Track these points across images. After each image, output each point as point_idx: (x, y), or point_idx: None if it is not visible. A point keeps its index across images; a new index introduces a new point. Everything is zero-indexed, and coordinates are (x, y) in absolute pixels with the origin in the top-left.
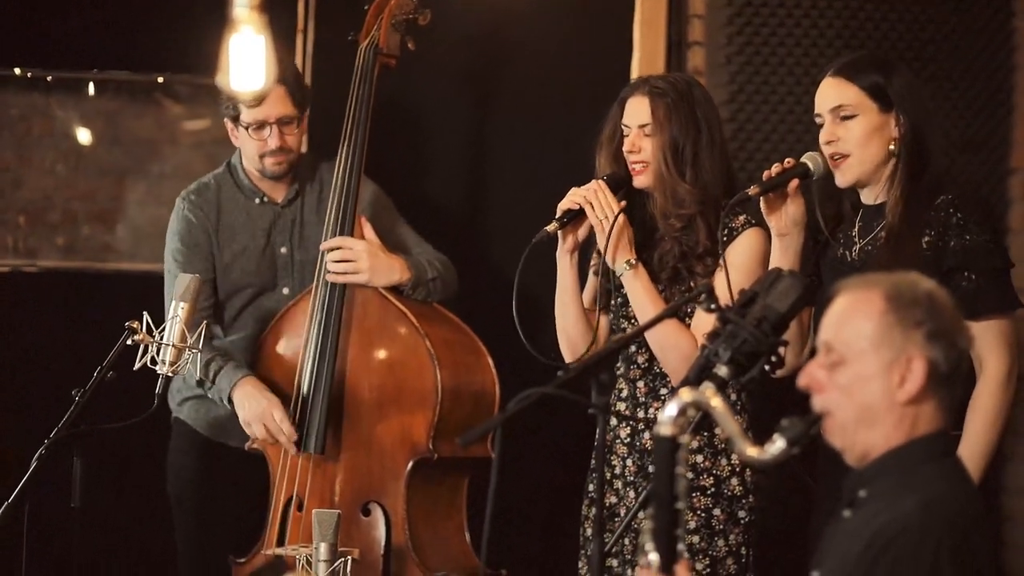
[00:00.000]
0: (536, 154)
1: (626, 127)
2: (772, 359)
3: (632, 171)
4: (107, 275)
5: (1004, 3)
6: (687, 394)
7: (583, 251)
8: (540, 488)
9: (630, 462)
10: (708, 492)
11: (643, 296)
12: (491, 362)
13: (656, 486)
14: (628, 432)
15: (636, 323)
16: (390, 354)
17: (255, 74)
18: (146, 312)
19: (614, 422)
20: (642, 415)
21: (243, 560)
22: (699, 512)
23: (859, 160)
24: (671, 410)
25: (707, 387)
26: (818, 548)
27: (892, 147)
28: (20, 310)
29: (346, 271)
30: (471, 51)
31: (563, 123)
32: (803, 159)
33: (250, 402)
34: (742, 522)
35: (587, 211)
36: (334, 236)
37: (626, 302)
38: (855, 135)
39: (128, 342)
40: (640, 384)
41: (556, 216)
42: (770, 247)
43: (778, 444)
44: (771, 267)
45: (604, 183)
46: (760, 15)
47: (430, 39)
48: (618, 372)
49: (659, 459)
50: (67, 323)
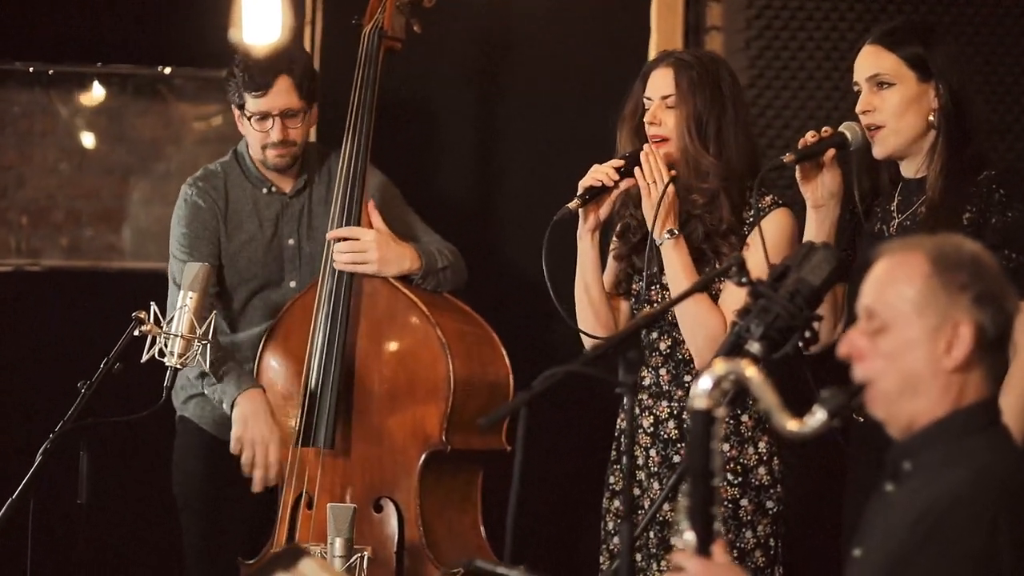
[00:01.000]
0: (548, 140)
1: (648, 100)
2: (806, 334)
3: (654, 145)
4: (112, 274)
5: None
6: (721, 365)
7: (603, 232)
8: (558, 481)
9: (653, 452)
10: (735, 483)
11: (680, 268)
12: (504, 353)
13: (691, 461)
14: (651, 421)
15: (659, 304)
16: (400, 345)
17: (270, 26)
18: (154, 303)
19: (636, 411)
20: (666, 404)
21: (252, 562)
22: (726, 503)
23: (895, 131)
24: (705, 382)
25: (742, 359)
26: (858, 525)
27: (931, 118)
28: (23, 310)
29: (354, 261)
30: (480, 34)
31: (577, 108)
32: (841, 128)
33: (253, 423)
34: (770, 512)
35: (636, 174)
36: (340, 225)
37: (648, 285)
38: (891, 105)
39: (135, 333)
40: (663, 372)
41: (578, 193)
42: (797, 227)
43: (818, 416)
44: (805, 240)
45: (655, 148)
46: (780, 18)
47: (437, 21)
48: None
49: (694, 433)
50: (71, 323)
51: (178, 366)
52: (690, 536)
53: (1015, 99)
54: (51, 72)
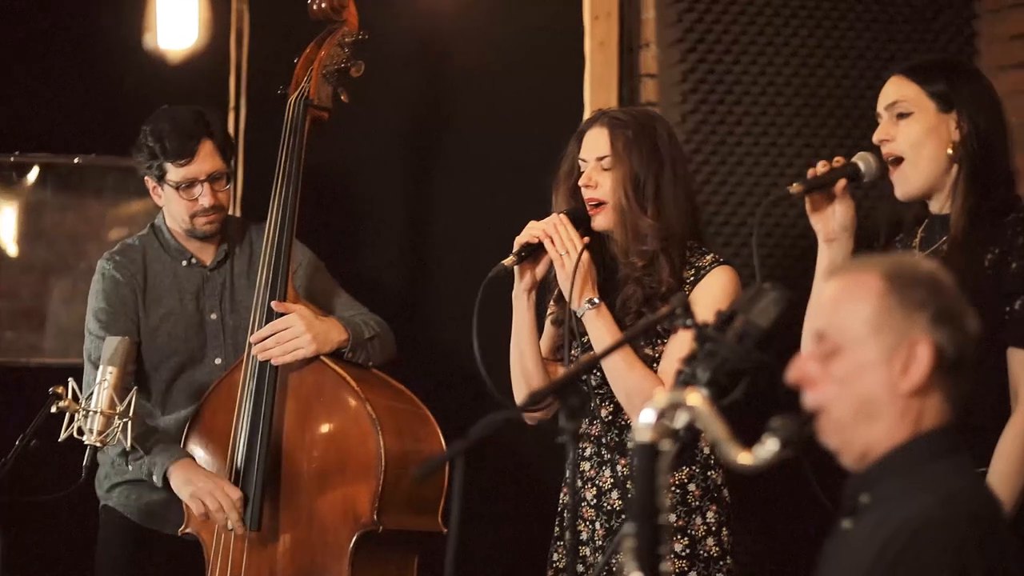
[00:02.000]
0: (481, 208)
1: (583, 161)
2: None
3: (589, 209)
4: (33, 370)
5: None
6: (664, 395)
7: (540, 294)
8: (499, 557)
9: (598, 525)
10: (683, 554)
11: (607, 336)
12: (438, 429)
13: (637, 499)
14: (594, 493)
15: (600, 371)
16: (329, 422)
17: (186, 30)
18: (72, 379)
19: (577, 484)
20: (608, 473)
21: None
22: None
23: (914, 163)
24: (648, 414)
25: (686, 388)
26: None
27: (950, 151)
28: None
29: (289, 351)
30: (411, 102)
31: (510, 173)
32: (854, 159)
33: (197, 478)
34: None
35: (547, 246)
36: (266, 299)
37: (586, 351)
38: (909, 135)
39: (52, 410)
40: (606, 440)
41: (514, 251)
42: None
43: (768, 446)
44: (817, 276)
45: (565, 216)
46: (715, 72)
47: (366, 91)
48: (581, 428)
49: (639, 469)
50: None
51: (97, 444)
52: None
53: None
54: None
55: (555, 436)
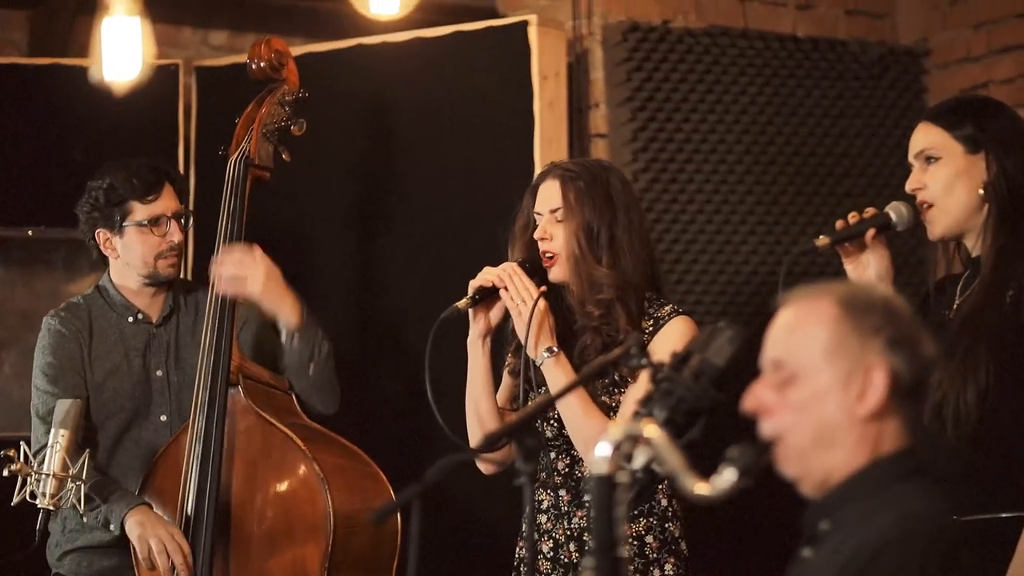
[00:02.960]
0: (431, 267)
1: (538, 215)
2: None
3: (544, 261)
4: None
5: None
6: (619, 427)
7: (497, 344)
8: None
9: None
10: None
11: (566, 384)
12: (389, 486)
13: (594, 532)
14: (551, 546)
15: (557, 423)
16: (278, 483)
17: (131, 61)
18: (23, 442)
19: (534, 535)
20: (565, 526)
21: None
22: None
23: (944, 209)
24: (604, 447)
25: (642, 419)
26: None
27: (981, 192)
28: None
29: (238, 275)
30: (358, 160)
31: (460, 233)
32: (887, 208)
33: (149, 522)
34: None
35: (503, 296)
36: (210, 362)
37: (526, 401)
38: (939, 180)
39: (4, 473)
40: (562, 492)
41: (468, 294)
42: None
43: (727, 476)
44: None
45: (517, 266)
46: (665, 130)
47: (312, 150)
48: (538, 481)
49: (596, 501)
50: None
51: (50, 507)
52: None
53: None
54: None
55: (511, 482)
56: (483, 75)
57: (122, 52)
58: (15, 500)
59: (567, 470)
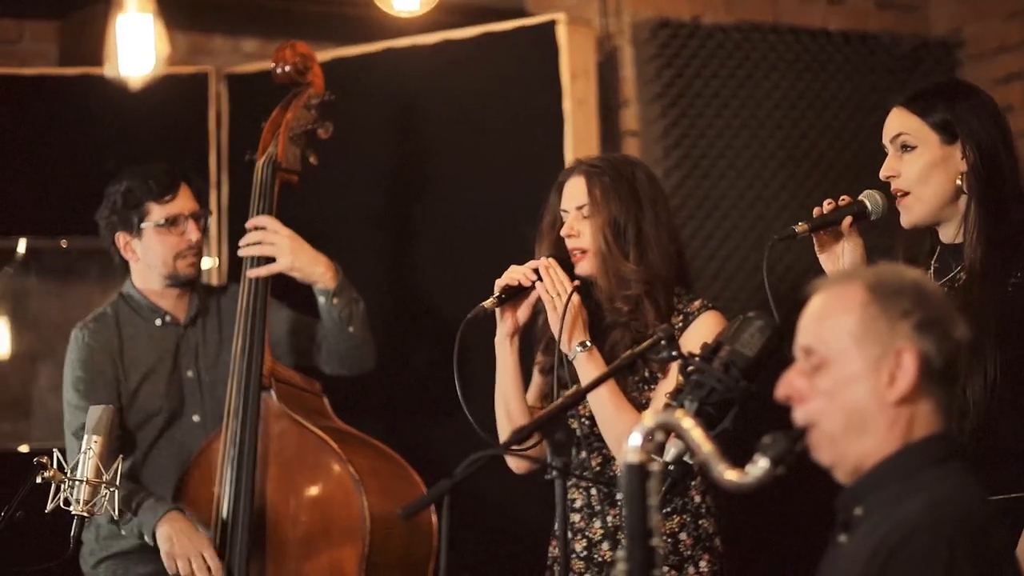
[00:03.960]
0: (462, 267)
1: (564, 212)
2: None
3: (572, 257)
4: (19, 456)
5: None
6: (653, 417)
7: (526, 344)
8: None
9: None
10: None
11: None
12: (424, 488)
13: (628, 521)
14: (584, 545)
15: (588, 420)
16: (313, 487)
17: (145, 57)
18: (56, 449)
19: (568, 533)
20: (599, 524)
21: None
22: None
23: (919, 198)
24: (636, 436)
25: (673, 410)
26: None
27: (959, 182)
28: None
29: (264, 250)
30: (387, 162)
31: (490, 233)
32: (861, 196)
33: (180, 537)
34: None
35: (538, 288)
36: (243, 366)
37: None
38: (915, 170)
39: (38, 480)
40: (594, 491)
41: (495, 294)
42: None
43: (760, 464)
44: None
45: (554, 260)
46: (696, 127)
47: (343, 152)
48: (570, 480)
49: (629, 491)
50: None
51: (85, 514)
52: None
53: None
54: None
55: (544, 480)
56: (512, 75)
57: (136, 49)
58: (49, 507)
59: (599, 468)
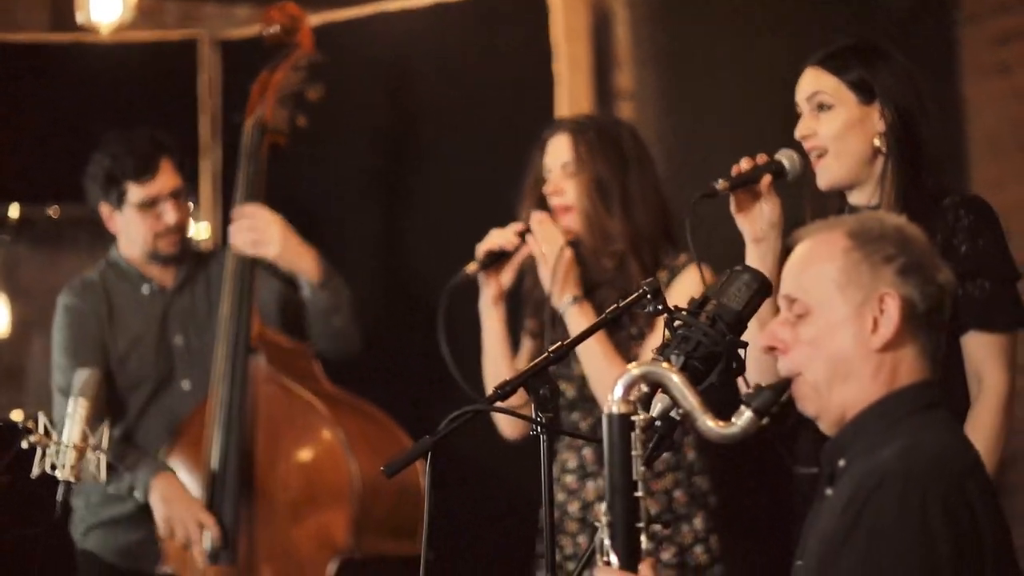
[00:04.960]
0: (453, 229)
1: (548, 170)
2: (732, 363)
3: (557, 216)
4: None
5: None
6: (637, 367)
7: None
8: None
9: (582, 538)
10: (671, 563)
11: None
12: None
13: (611, 473)
14: (579, 506)
15: (579, 381)
16: (302, 450)
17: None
18: (42, 413)
19: (561, 497)
20: (592, 485)
21: None
22: None
23: (836, 156)
24: (619, 388)
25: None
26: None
27: (877, 142)
28: None
29: (254, 240)
30: (378, 125)
31: (482, 195)
32: (777, 155)
33: (175, 503)
34: None
35: (530, 244)
36: (231, 330)
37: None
38: (832, 129)
39: (23, 445)
40: (585, 452)
41: (477, 258)
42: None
43: (745, 415)
44: None
45: (546, 214)
46: (691, 88)
47: (333, 115)
48: (563, 441)
49: (612, 442)
50: None
51: (71, 479)
52: (614, 558)
53: None
54: None
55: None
56: (505, 37)
57: None
58: (35, 472)
59: (590, 429)
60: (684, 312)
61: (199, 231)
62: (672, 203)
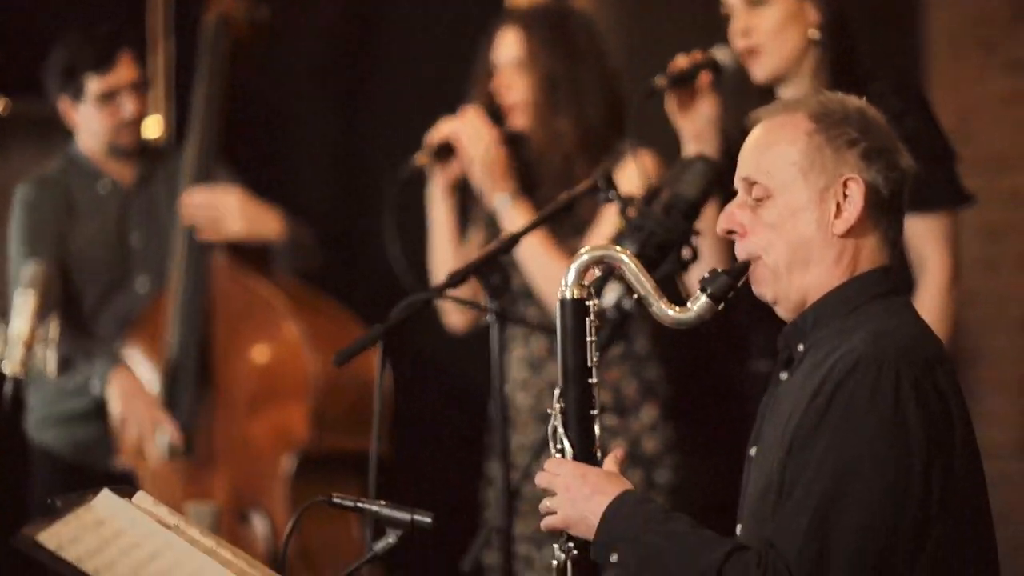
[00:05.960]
0: (410, 124)
1: (498, 64)
2: (686, 251)
3: (504, 111)
4: None
5: None
6: (591, 250)
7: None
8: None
9: (532, 429)
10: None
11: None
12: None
13: (562, 358)
14: (531, 397)
15: (532, 299)
16: (260, 344)
17: None
18: None
19: (509, 389)
20: (541, 376)
21: None
22: None
23: (772, 52)
24: (572, 272)
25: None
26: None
27: (811, 35)
28: None
29: (212, 221)
30: (328, 16)
31: (438, 90)
32: (712, 51)
33: (132, 400)
34: (664, 486)
35: (457, 142)
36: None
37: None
38: (770, 24)
39: None
40: (534, 345)
41: (426, 149)
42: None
43: (701, 300)
44: None
45: (478, 109)
46: None
47: (290, 13)
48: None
49: (565, 327)
50: None
51: (19, 375)
52: (567, 446)
53: None
54: None
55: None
56: None
57: None
58: None
59: (538, 320)
60: (638, 200)
61: (150, 125)
62: (630, 94)
